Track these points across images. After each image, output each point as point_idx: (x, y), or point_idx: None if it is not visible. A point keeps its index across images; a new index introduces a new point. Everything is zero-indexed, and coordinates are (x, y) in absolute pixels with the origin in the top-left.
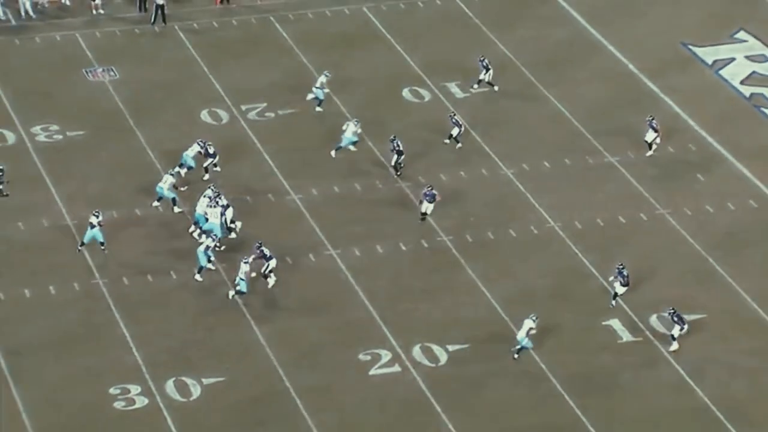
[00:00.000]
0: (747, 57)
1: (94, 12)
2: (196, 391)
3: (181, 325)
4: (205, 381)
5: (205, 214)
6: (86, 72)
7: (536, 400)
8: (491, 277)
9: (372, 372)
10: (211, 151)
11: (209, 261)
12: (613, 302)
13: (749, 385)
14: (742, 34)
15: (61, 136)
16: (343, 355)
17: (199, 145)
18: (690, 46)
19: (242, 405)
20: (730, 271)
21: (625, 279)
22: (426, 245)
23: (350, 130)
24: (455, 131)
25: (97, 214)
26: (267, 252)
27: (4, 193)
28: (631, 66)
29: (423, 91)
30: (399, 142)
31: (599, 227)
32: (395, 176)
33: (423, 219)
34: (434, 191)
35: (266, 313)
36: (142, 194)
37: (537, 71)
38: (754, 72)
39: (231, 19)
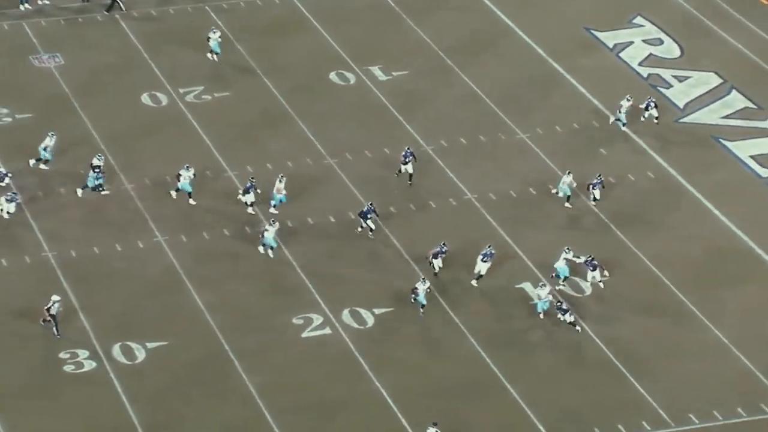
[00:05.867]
0: (644, 41)
1: (40, 2)
2: (140, 355)
3: (125, 294)
4: (149, 345)
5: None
6: (33, 59)
7: (458, 357)
8: (414, 244)
9: (305, 335)
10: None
11: None
12: (593, 284)
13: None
14: (639, 20)
15: (10, 119)
16: (277, 319)
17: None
18: (592, 31)
19: (184, 367)
20: (631, 239)
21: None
22: (352, 216)
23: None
24: None
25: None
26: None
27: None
28: (538, 49)
29: (349, 75)
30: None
31: (512, 198)
32: None
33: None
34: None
35: (206, 281)
36: (85, 172)
37: (453, 55)
38: (650, 54)
39: (168, 8)
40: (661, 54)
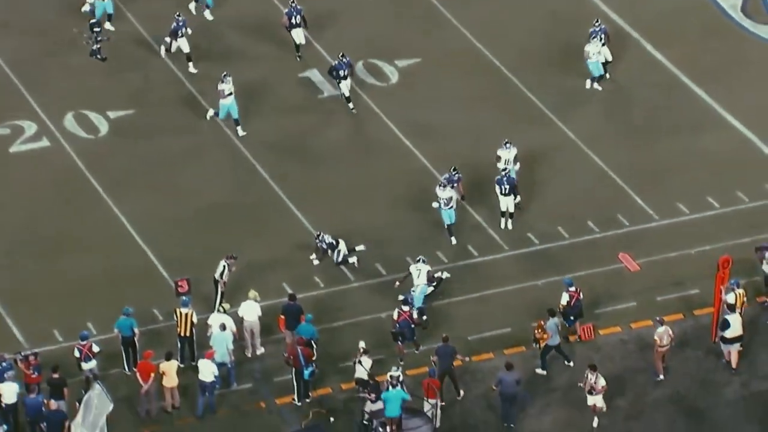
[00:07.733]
0: None
1: None
2: None
3: None
4: None
5: None
6: None
7: (222, 174)
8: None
9: (13, 149)
10: None
11: None
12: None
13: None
14: None
15: None
16: None
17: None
18: None
19: None
20: (454, 11)
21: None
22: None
23: None
24: None
25: None
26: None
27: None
28: None
29: None
30: None
31: None
32: None
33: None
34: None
35: None
36: None
37: None
38: None
39: None
40: None
